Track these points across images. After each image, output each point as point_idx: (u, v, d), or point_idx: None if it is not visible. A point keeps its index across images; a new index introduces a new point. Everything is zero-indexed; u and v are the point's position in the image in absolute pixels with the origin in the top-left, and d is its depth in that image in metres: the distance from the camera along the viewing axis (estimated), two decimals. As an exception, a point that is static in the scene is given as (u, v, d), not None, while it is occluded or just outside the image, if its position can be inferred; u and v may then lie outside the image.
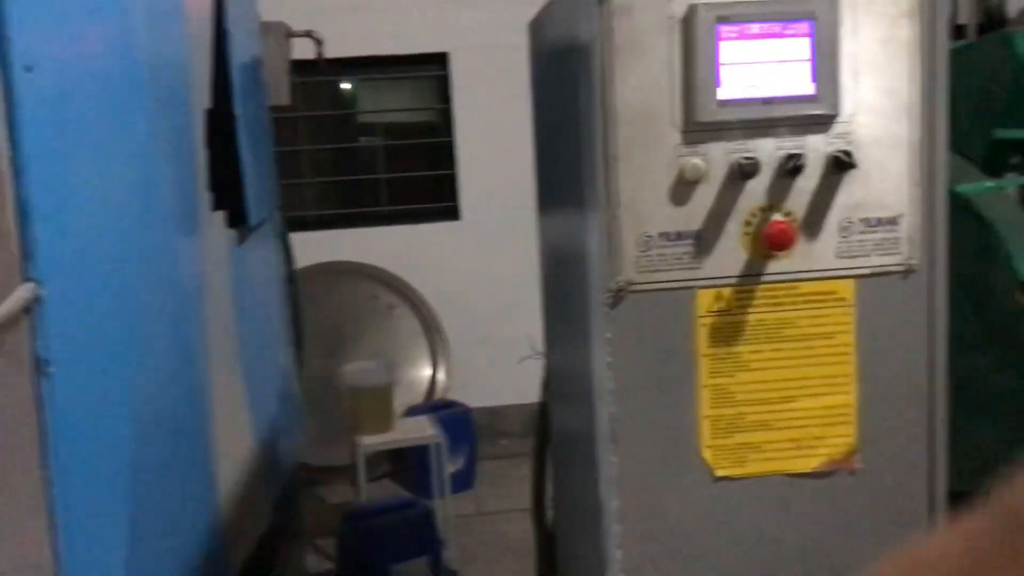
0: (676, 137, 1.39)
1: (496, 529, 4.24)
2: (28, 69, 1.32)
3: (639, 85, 1.38)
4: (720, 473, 1.47)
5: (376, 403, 3.94)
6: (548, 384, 2.18)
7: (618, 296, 1.42)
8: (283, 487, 3.22)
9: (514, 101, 2.87)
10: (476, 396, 5.00)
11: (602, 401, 1.44)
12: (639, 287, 1.42)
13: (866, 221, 1.44)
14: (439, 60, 5.32)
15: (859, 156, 1.41)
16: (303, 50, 4.21)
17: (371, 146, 5.54)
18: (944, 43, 1.40)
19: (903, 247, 1.45)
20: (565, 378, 1.84)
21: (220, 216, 2.49)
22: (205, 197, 2.33)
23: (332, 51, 4.97)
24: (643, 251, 1.41)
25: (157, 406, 1.79)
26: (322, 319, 5.07)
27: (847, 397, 1.47)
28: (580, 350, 1.59)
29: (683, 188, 1.40)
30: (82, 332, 1.44)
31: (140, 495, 1.65)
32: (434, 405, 4.83)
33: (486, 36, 4.79)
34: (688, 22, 1.36)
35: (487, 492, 4.74)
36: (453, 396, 5.04)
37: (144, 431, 1.69)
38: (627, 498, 1.46)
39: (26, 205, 1.30)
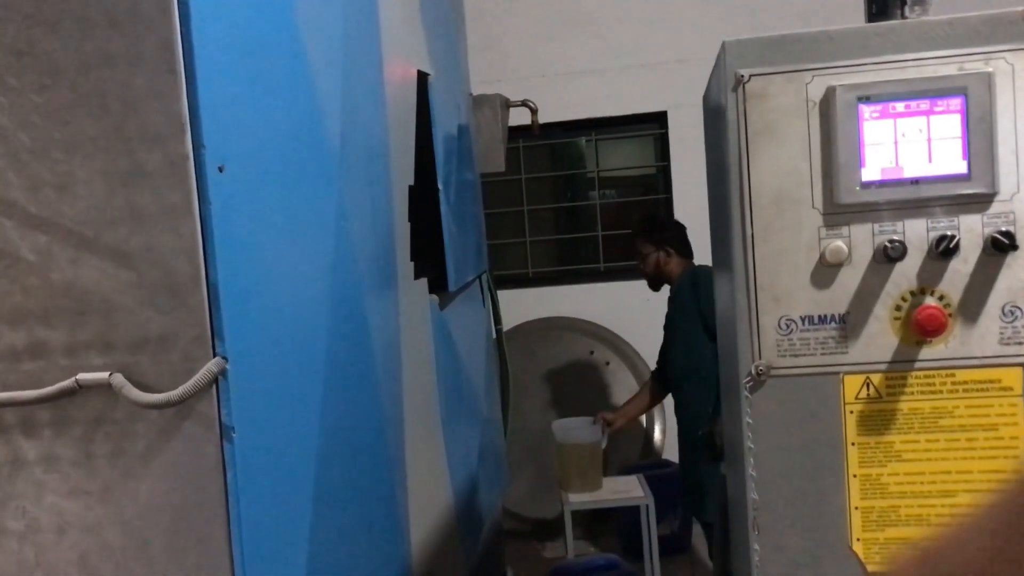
0: (817, 219, 1.37)
1: (707, 595, 4.14)
2: (220, 170, 1.50)
3: (777, 168, 1.37)
4: (873, 569, 1.40)
5: (584, 460, 3.99)
6: (726, 456, 2.14)
7: (758, 380, 1.40)
8: (485, 540, 3.32)
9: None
10: (693, 456, 4.92)
11: (743, 488, 1.42)
12: (781, 371, 1.40)
13: (1033, 305, 1.33)
14: (659, 119, 5.37)
15: (1023, 236, 1.32)
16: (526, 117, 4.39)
17: (590, 204, 5.65)
18: (1120, 112, 1.29)
19: (1079, 333, 1.33)
20: (730, 455, 1.82)
21: (422, 283, 2.66)
22: (406, 267, 2.49)
23: (559, 114, 5.16)
24: (784, 334, 1.39)
25: (344, 467, 1.93)
26: (540, 373, 5.21)
27: (1016, 494, 1.35)
28: (734, 430, 1.57)
29: (825, 271, 1.37)
30: (265, 402, 1.59)
31: (323, 551, 1.79)
32: (649, 464, 4.81)
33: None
34: (827, 103, 1.34)
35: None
36: (669, 455, 4.99)
37: (329, 489, 1.83)
38: (772, 587, 1.42)
39: (215, 289, 1.48)
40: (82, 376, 1.49)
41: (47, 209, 1.48)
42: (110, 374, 1.48)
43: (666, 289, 4.36)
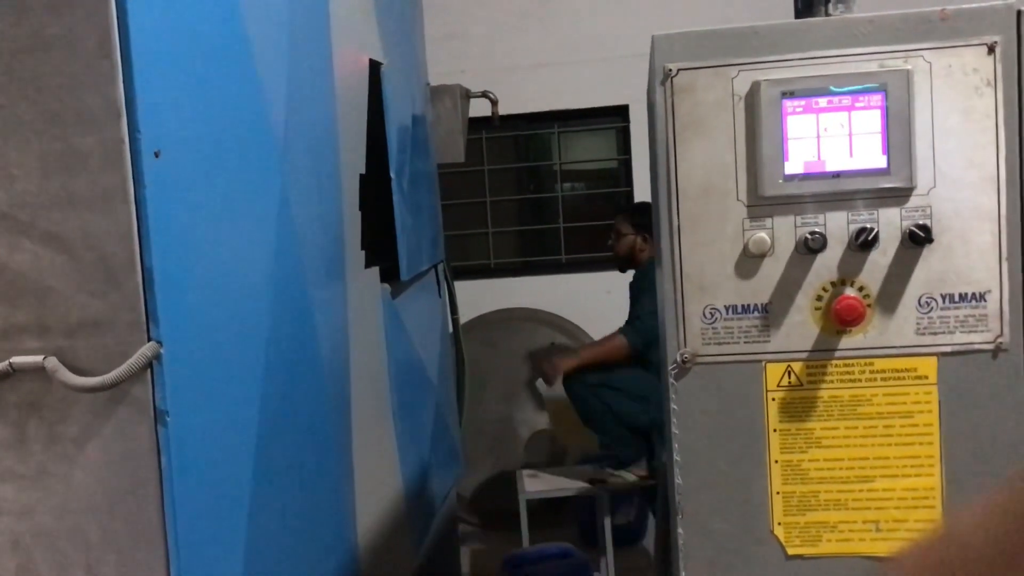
0: (742, 211, 1.40)
1: (662, 584, 4.18)
2: (156, 155, 1.50)
3: (704, 160, 1.40)
4: (793, 552, 1.44)
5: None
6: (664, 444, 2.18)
7: (683, 367, 1.43)
8: (438, 530, 3.34)
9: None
10: (651, 447, 4.97)
11: (671, 473, 1.45)
12: (706, 359, 1.42)
13: (948, 297, 1.37)
14: (621, 112, 5.40)
15: (939, 229, 1.35)
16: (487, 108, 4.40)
17: (552, 196, 5.68)
18: (1032, 110, 1.33)
19: (991, 324, 1.37)
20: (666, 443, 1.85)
21: (373, 272, 2.67)
22: (356, 255, 2.50)
23: (521, 106, 5.18)
24: (709, 323, 1.42)
25: (286, 453, 1.94)
26: (501, 364, 5.23)
27: (930, 480, 1.40)
28: (665, 418, 1.60)
29: (749, 261, 1.40)
30: (201, 387, 1.60)
31: (262, 537, 1.79)
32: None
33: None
34: (752, 98, 1.37)
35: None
36: (626, 446, 5.03)
37: (269, 476, 1.83)
38: (696, 570, 1.45)
39: (150, 273, 1.48)
40: (16, 359, 1.49)
41: (-20, 192, 1.48)
42: (44, 357, 1.48)
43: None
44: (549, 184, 5.71)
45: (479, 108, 4.32)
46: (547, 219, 5.67)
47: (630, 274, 4.65)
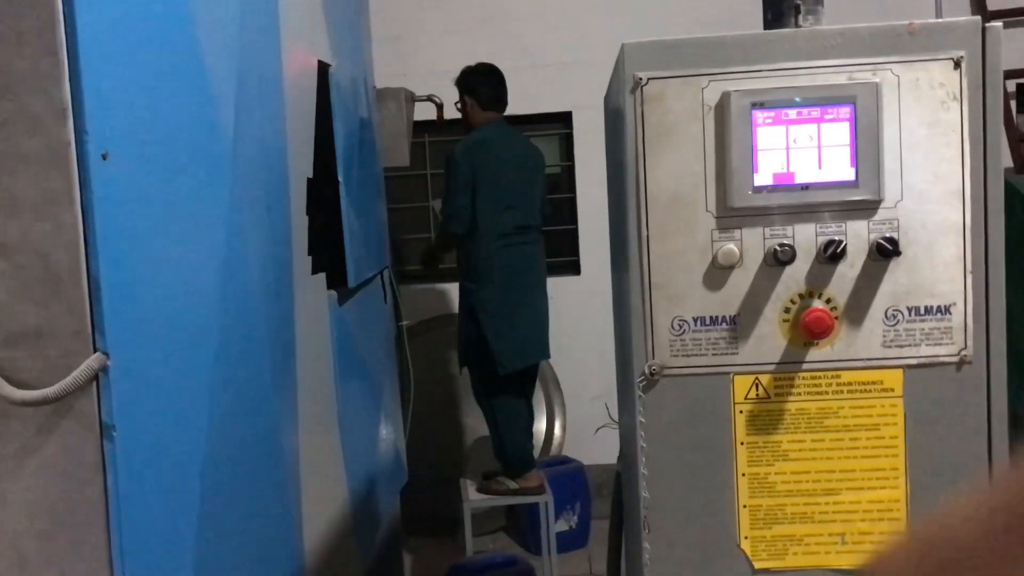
0: (710, 222, 1.38)
1: (605, 590, 4.18)
2: (104, 157, 1.44)
3: (673, 170, 1.38)
4: (760, 566, 1.43)
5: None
6: (621, 454, 2.16)
7: (651, 380, 1.41)
8: (382, 539, 3.29)
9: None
10: (593, 453, 4.97)
11: (635, 486, 1.43)
12: (674, 371, 1.41)
13: (914, 309, 1.38)
14: (564, 119, 5.39)
15: (905, 242, 1.36)
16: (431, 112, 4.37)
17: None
18: (997, 124, 1.34)
19: (956, 337, 1.38)
20: (624, 453, 1.83)
21: (320, 279, 2.61)
22: (303, 262, 2.44)
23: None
24: (677, 334, 1.40)
25: (233, 466, 1.88)
26: (444, 370, 5.18)
27: (896, 492, 1.40)
28: (627, 429, 1.58)
29: (717, 273, 1.39)
30: (148, 399, 1.54)
31: (210, 554, 1.73)
32: (549, 461, 4.83)
33: (608, 94, 4.84)
34: (722, 108, 1.36)
35: (600, 551, 4.67)
36: (568, 452, 5.02)
37: (217, 490, 1.77)
38: (662, 585, 1.44)
39: (96, 282, 1.42)
40: (-49, 372, 1.42)
41: (-86, 195, 1.40)
42: (-19, 370, 1.41)
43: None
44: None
45: (422, 112, 4.28)
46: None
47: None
